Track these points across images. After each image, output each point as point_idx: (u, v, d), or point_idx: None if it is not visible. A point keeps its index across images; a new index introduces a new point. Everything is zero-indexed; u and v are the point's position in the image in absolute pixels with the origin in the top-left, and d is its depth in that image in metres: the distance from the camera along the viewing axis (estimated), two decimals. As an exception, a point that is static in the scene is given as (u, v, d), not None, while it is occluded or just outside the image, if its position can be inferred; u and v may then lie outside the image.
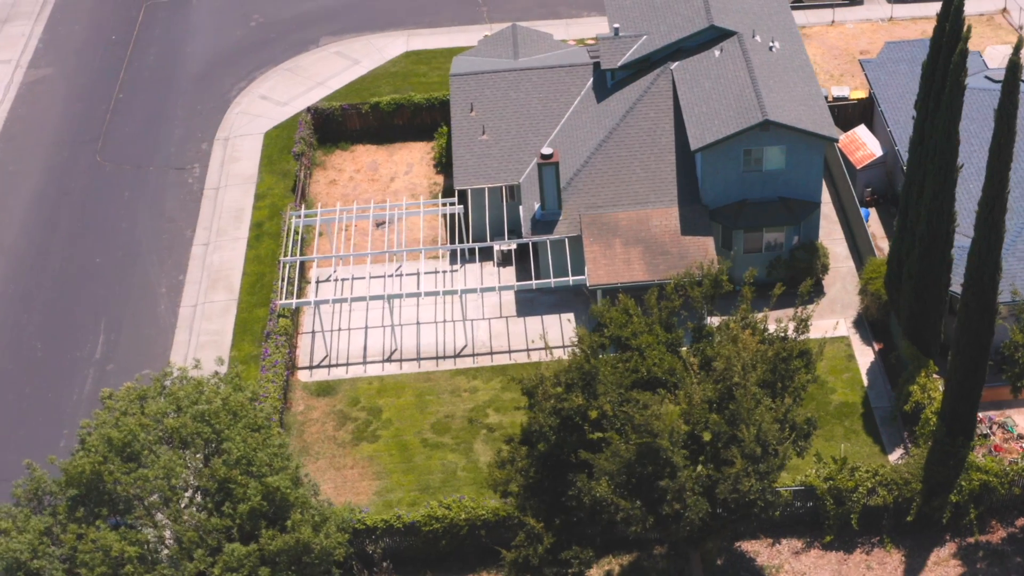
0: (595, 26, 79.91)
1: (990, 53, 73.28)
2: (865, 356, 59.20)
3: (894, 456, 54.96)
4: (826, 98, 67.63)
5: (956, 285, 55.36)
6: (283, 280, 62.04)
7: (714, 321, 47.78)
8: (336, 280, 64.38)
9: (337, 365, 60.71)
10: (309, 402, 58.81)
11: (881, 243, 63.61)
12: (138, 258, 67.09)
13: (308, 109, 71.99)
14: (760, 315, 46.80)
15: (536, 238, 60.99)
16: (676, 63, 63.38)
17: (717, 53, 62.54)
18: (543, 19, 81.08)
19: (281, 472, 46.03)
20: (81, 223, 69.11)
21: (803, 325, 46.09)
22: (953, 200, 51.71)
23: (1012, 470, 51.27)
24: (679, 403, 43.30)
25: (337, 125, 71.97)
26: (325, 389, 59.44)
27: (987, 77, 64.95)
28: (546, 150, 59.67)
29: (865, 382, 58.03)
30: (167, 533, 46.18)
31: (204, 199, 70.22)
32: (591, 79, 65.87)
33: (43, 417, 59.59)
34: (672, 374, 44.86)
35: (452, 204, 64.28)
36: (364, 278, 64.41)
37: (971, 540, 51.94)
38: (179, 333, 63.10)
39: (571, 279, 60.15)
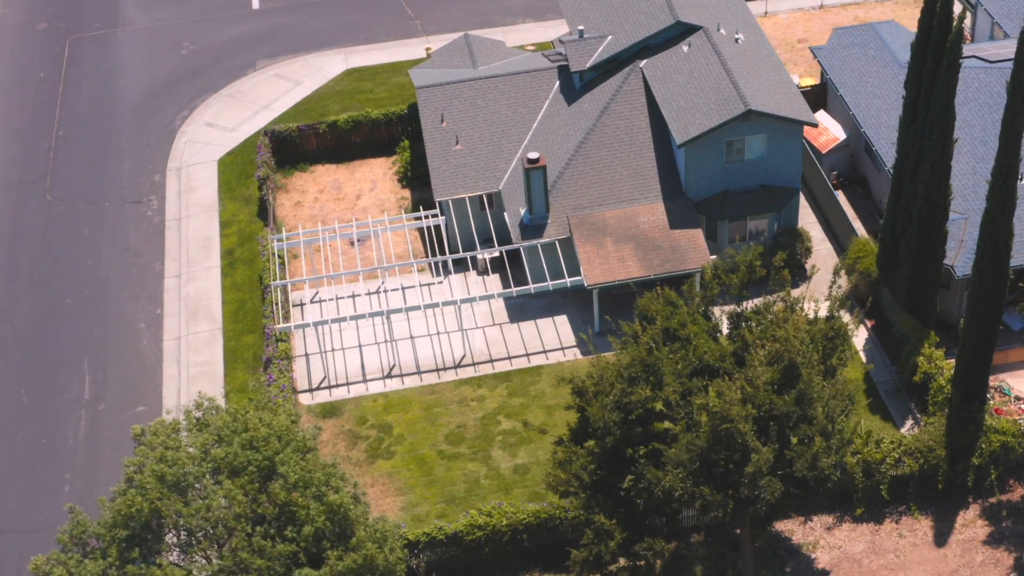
0: (532, 33, 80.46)
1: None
2: (858, 334, 60.56)
3: (904, 428, 56.36)
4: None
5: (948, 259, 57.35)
6: (275, 304, 61.27)
7: (747, 306, 48.44)
8: (320, 301, 63.78)
9: (338, 386, 60.19)
10: (317, 424, 58.02)
11: (853, 223, 65.01)
12: (110, 295, 65.66)
13: (265, 132, 71.18)
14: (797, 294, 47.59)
15: (527, 243, 61.24)
16: (644, 61, 64.20)
17: (685, 48, 63.51)
18: (479, 28, 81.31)
19: (340, 491, 45.59)
20: (44, 265, 67.40)
21: (840, 303, 47.07)
22: (949, 174, 53.40)
23: (1030, 429, 53.07)
24: (740, 388, 43.88)
25: (295, 146, 71.31)
26: (330, 410, 58.87)
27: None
28: (532, 154, 59.98)
29: (864, 359, 59.38)
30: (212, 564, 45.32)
31: (167, 231, 69.00)
32: (557, 82, 66.34)
33: (41, 463, 57.99)
34: (723, 360, 45.47)
35: (435, 216, 64.12)
36: (348, 297, 63.92)
37: (993, 500, 53.53)
38: (167, 367, 61.93)
39: (568, 281, 60.50)
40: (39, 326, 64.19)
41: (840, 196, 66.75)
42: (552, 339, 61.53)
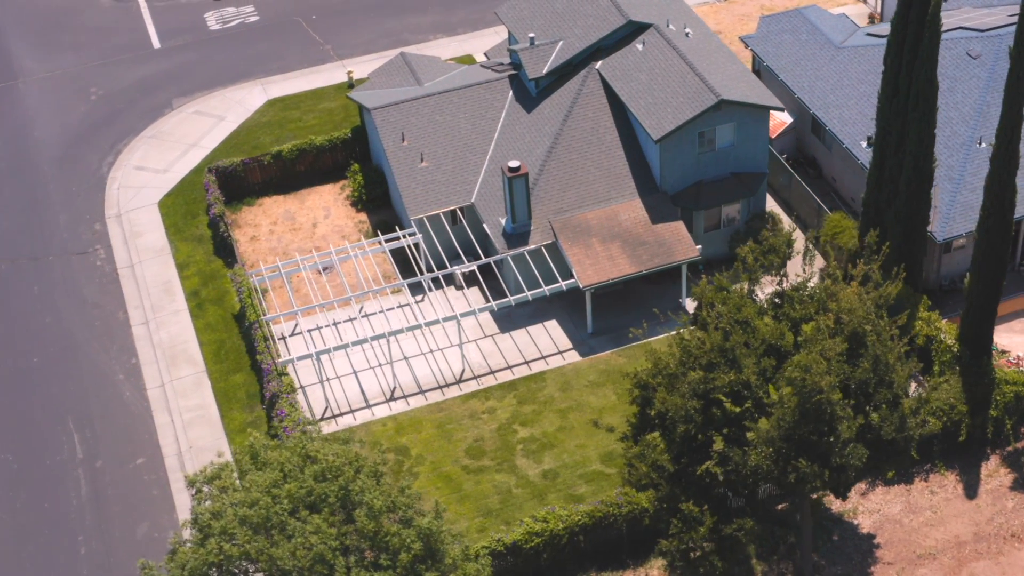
0: (446, 48, 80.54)
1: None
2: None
3: (911, 391, 58.14)
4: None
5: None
6: (267, 339, 60.09)
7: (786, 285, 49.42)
8: (300, 333, 62.71)
9: (342, 414, 59.33)
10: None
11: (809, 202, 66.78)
12: (78, 349, 63.44)
13: (210, 169, 69.67)
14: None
15: (515, 251, 61.35)
16: (599, 62, 64.97)
17: (640, 47, 64.52)
18: (391, 48, 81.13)
19: (427, 513, 45.09)
20: (1, 327, 64.71)
21: (873, 274, 48.41)
22: (934, 142, 55.48)
23: (1038, 378, 55.44)
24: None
25: (239, 181, 69.98)
26: (343, 438, 57.82)
27: (869, 34, 69.57)
28: (512, 163, 60.19)
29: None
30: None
31: (122, 279, 66.99)
32: (511, 92, 66.62)
33: (49, 529, 55.72)
34: (782, 338, 46.40)
35: (412, 235, 63.70)
36: (330, 326, 63.04)
37: (1010, 449, 55.75)
38: (158, 416, 60.15)
39: (563, 284, 60.80)
40: (11, 390, 61.67)
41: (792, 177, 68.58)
42: (547, 344, 61.75)
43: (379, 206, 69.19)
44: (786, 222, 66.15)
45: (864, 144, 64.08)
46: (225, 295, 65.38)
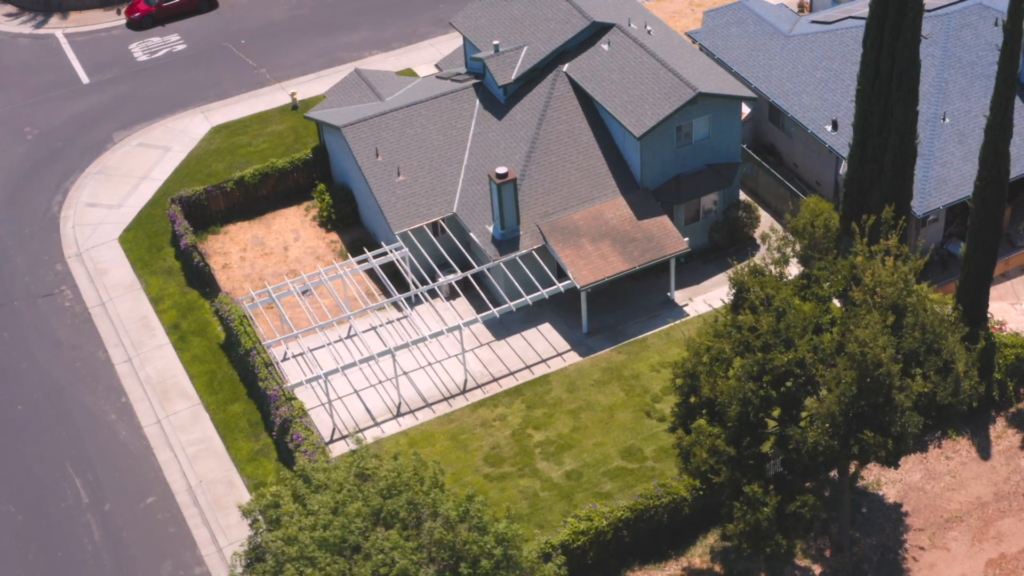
0: (384, 63, 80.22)
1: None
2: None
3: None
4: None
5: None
6: (268, 365, 59.19)
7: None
8: (294, 357, 61.96)
9: (352, 434, 58.53)
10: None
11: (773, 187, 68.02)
12: (63, 393, 61.72)
13: (172, 199, 68.36)
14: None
15: (507, 257, 61.42)
16: (566, 65, 65.47)
17: (606, 47, 65.18)
18: (328, 67, 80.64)
19: (500, 518, 45.01)
20: (-24, 376, 62.81)
21: (900, 249, 49.64)
22: (917, 119, 57.11)
23: (1035, 341, 57.37)
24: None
25: (203, 210, 68.79)
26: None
27: (813, 22, 71.29)
28: (500, 169, 60.31)
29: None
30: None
31: (95, 318, 65.35)
32: (478, 100, 66.71)
33: (67, 577, 54.24)
34: (822, 316, 47.33)
35: (398, 249, 63.32)
36: (323, 347, 62.29)
37: (1013, 410, 57.57)
38: (159, 452, 58.83)
39: (560, 285, 61.05)
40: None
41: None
42: (545, 348, 61.93)
43: (349, 225, 68.65)
44: (763, 214, 67.27)
45: (829, 128, 65.55)
46: (207, 326, 64.21)
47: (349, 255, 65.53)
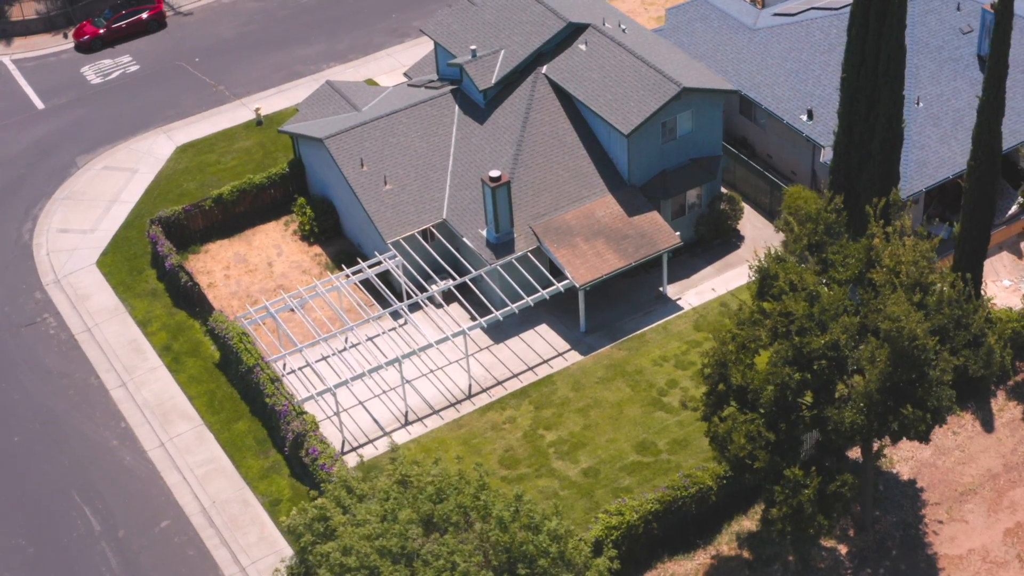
0: (342, 75, 79.95)
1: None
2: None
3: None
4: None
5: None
6: (274, 380, 58.70)
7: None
8: (297, 371, 61.57)
9: (362, 445, 58.52)
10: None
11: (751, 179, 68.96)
12: (60, 422, 60.72)
13: (152, 220, 67.54)
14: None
15: (503, 260, 61.61)
16: (545, 66, 65.85)
17: (583, 47, 65.67)
18: (287, 81, 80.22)
19: (551, 516, 45.19)
20: (-32, 410, 61.53)
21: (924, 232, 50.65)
22: (903, 104, 58.32)
23: (1029, 314, 58.86)
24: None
25: (182, 229, 68.04)
26: (372, 469, 56.92)
27: (775, 14, 72.44)
28: (493, 173, 60.49)
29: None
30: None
31: (82, 344, 64.36)
32: (457, 105, 66.81)
33: (89, 607, 53.39)
34: (850, 297, 48.24)
35: (392, 257, 63.15)
36: (319, 360, 61.94)
37: (1011, 383, 58.98)
38: (167, 476, 58.13)
39: (560, 285, 61.35)
40: (1, 473, 58.61)
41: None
42: (545, 349, 62.19)
43: (331, 237, 68.37)
44: (747, 207, 68.17)
45: (804, 118, 66.66)
46: (199, 346, 63.55)
47: (343, 266, 65.16)
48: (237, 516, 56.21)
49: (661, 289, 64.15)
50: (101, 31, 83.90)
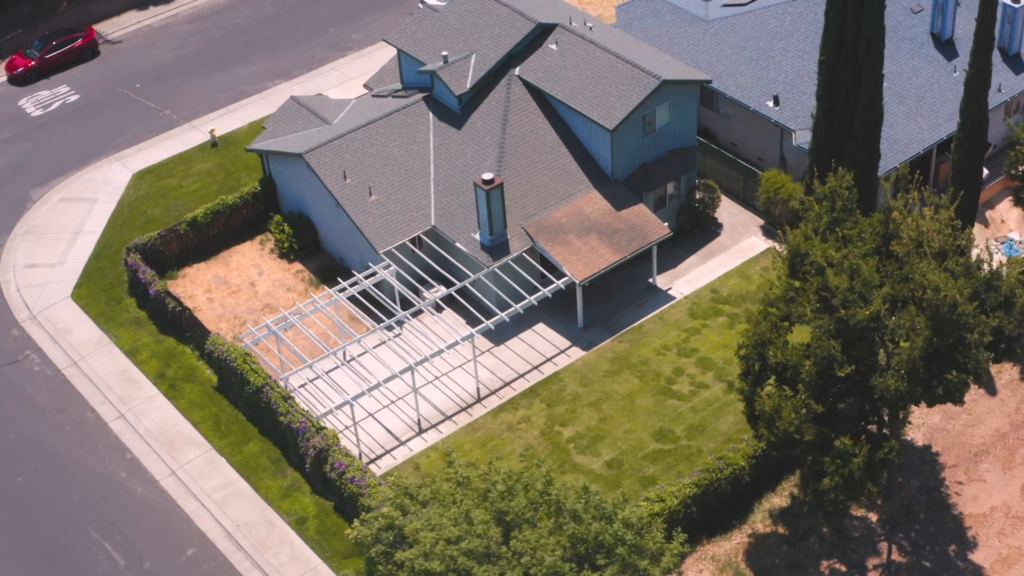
0: (289, 91, 79.23)
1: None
2: (798, 254, 65.99)
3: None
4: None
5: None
6: (287, 398, 58.10)
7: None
8: (303, 386, 60.98)
9: (381, 456, 58.26)
10: (397, 495, 56.15)
11: (721, 168, 70.14)
12: (63, 458, 59.35)
13: (129, 249, 66.30)
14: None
15: (500, 261, 61.81)
16: (517, 68, 66.24)
17: (554, 46, 66.21)
18: (234, 101, 79.33)
19: (622, 505, 45.66)
20: (-38, 455, 59.80)
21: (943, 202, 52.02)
22: (883, 82, 60.05)
23: None
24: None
25: (157, 255, 66.93)
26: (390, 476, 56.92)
27: (726, 5, 73.73)
28: (486, 176, 60.70)
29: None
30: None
31: (71, 379, 62.97)
32: (431, 112, 66.83)
33: (129, 642, 52.32)
34: (878, 271, 49.50)
35: (387, 267, 62.92)
36: (322, 376, 61.36)
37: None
38: (184, 503, 57.22)
39: (560, 283, 61.74)
40: (10, 516, 57.12)
41: (695, 150, 71.80)
42: (546, 347, 62.54)
43: (311, 253, 67.90)
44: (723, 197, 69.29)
45: (771, 104, 68.03)
46: (195, 371, 62.63)
47: (340, 279, 64.63)
48: (264, 538, 55.52)
49: (651, 280, 64.88)
50: (34, 63, 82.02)
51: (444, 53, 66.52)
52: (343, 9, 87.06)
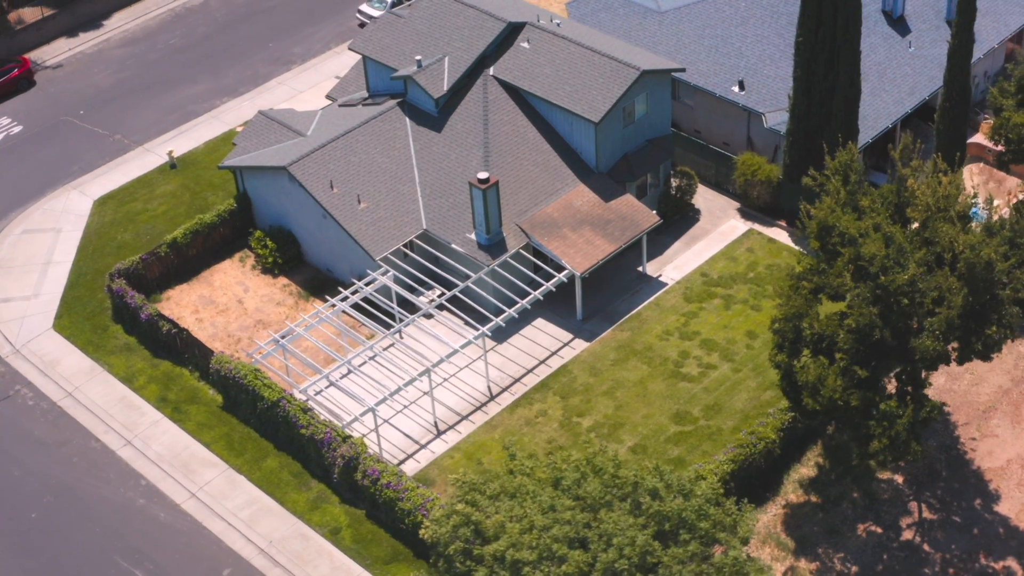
0: (239, 108, 78.64)
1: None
2: (780, 235, 67.50)
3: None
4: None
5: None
6: (306, 411, 57.62)
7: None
8: (314, 398, 60.52)
9: (404, 460, 58.14)
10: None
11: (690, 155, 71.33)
12: (75, 490, 58.11)
13: (112, 275, 65.06)
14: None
15: (499, 259, 62.12)
16: (491, 68, 66.65)
17: (526, 44, 66.78)
18: (183, 122, 78.27)
19: (698, 482, 46.41)
20: (-30, 496, 58.14)
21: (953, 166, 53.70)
22: (860, 59, 61.88)
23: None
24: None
25: (140, 279, 65.81)
26: (423, 479, 56.94)
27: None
28: (481, 175, 61.00)
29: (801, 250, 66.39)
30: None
31: (68, 410, 61.65)
32: (407, 117, 66.85)
33: (181, 667, 51.44)
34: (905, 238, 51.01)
35: (385, 273, 62.75)
36: (331, 387, 61.04)
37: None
38: (210, 524, 56.45)
39: (562, 276, 62.22)
40: (29, 552, 55.82)
41: (661, 139, 72.89)
42: (549, 341, 62.99)
43: (295, 267, 67.39)
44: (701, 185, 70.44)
45: (736, 89, 69.45)
46: (197, 392, 61.79)
47: (336, 289, 64.31)
48: (300, 552, 55.02)
49: (641, 268, 65.74)
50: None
51: (418, 57, 66.59)
52: (279, 24, 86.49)
